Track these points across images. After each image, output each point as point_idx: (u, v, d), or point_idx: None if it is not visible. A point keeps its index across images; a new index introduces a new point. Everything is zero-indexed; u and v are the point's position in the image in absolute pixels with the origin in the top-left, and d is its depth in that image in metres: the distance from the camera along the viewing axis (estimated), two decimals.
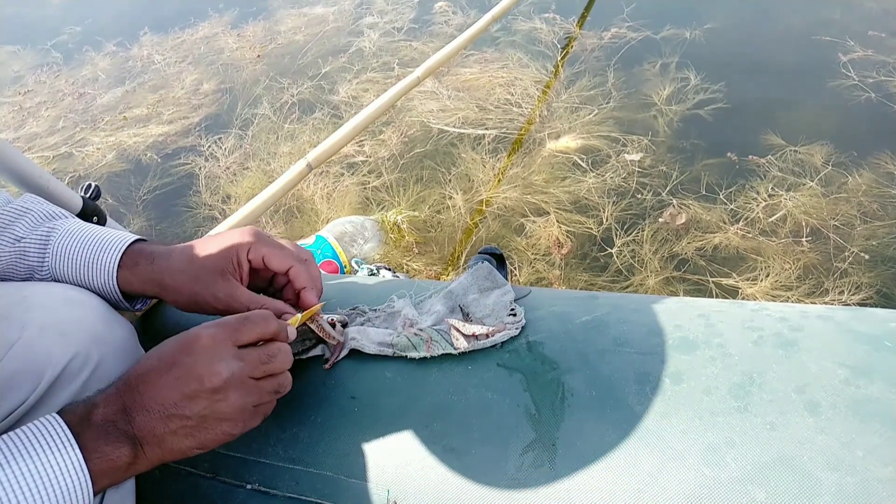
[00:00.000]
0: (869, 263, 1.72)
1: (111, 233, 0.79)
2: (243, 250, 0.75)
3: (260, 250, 0.75)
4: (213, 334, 0.61)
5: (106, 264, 0.76)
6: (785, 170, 2.00)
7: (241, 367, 0.61)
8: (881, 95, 2.20)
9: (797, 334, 0.67)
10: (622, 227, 1.92)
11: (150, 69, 3.29)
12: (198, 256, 0.74)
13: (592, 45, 2.71)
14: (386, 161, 2.33)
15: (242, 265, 0.75)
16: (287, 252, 0.77)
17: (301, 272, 0.77)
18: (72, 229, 0.79)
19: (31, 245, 0.78)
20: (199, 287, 0.73)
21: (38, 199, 0.85)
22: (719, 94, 2.33)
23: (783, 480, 0.56)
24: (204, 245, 0.76)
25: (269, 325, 0.65)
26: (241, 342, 0.63)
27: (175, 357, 0.60)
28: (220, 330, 0.62)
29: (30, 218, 0.81)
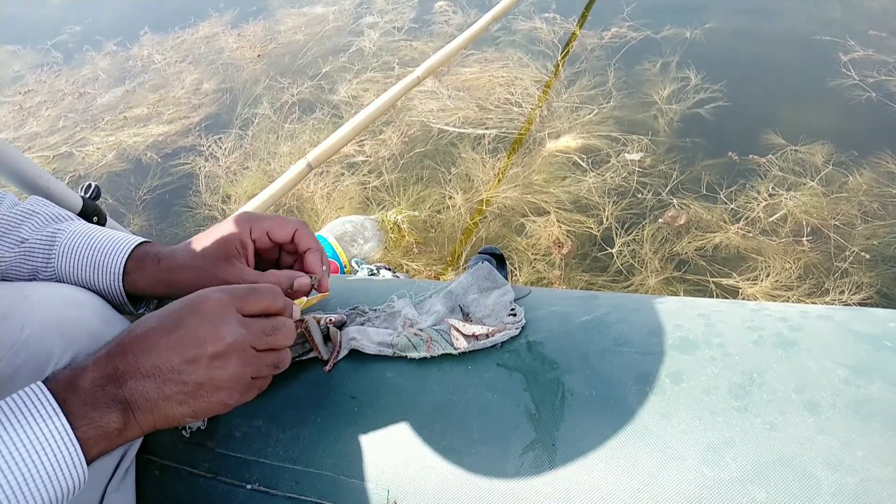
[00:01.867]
0: (870, 263, 1.72)
1: (117, 235, 0.79)
2: (245, 231, 0.75)
3: (262, 226, 0.76)
4: (220, 298, 0.60)
5: (112, 267, 0.76)
6: (785, 169, 2.00)
7: (245, 334, 0.60)
8: (882, 95, 2.20)
9: (797, 334, 0.67)
10: (622, 227, 1.92)
11: (150, 69, 3.29)
12: (201, 248, 0.74)
13: (593, 45, 2.72)
14: (386, 161, 2.33)
15: (247, 246, 0.75)
16: (287, 220, 0.77)
17: (305, 233, 0.77)
18: (78, 231, 0.79)
19: (37, 246, 0.78)
20: (207, 278, 0.73)
21: (45, 202, 0.85)
22: (720, 94, 2.33)
23: (783, 480, 0.56)
24: (205, 237, 0.76)
25: (276, 299, 0.65)
26: (246, 311, 0.62)
27: (179, 316, 0.59)
28: (227, 295, 0.61)
29: (36, 220, 0.80)
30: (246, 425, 0.77)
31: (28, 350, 0.68)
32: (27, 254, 0.78)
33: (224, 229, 0.75)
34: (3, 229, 0.79)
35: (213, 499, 0.75)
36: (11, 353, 0.68)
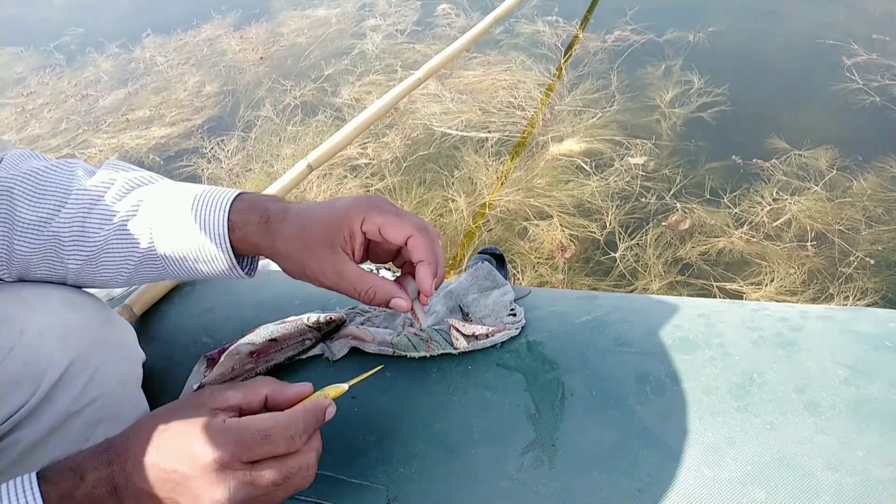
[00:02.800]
0: (874, 268, 1.71)
1: (210, 196, 0.71)
2: (357, 220, 0.66)
3: (375, 220, 0.66)
4: (220, 458, 0.53)
5: (216, 229, 0.69)
6: (789, 174, 1.99)
7: (249, 491, 0.55)
8: (886, 99, 2.19)
9: (797, 334, 0.67)
10: (626, 231, 1.92)
11: (152, 71, 3.29)
12: (310, 224, 0.67)
13: (595, 48, 2.71)
14: (389, 164, 2.33)
15: (355, 237, 0.67)
16: (405, 220, 0.66)
17: (419, 242, 0.66)
18: (162, 199, 0.72)
19: (128, 221, 0.71)
20: (309, 258, 0.67)
21: (116, 163, 0.77)
22: (723, 98, 2.32)
23: (783, 480, 0.56)
24: (319, 211, 0.68)
25: (292, 444, 0.56)
26: (252, 460, 0.55)
27: (176, 467, 0.54)
28: (230, 453, 0.54)
29: (116, 189, 0.73)
30: None
31: (26, 354, 0.68)
32: (122, 231, 0.71)
33: (340, 208, 0.67)
34: (87, 205, 0.71)
35: None
36: (9, 357, 0.67)
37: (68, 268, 0.73)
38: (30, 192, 0.71)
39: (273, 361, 0.80)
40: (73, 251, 0.71)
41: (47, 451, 0.70)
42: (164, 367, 0.89)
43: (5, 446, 0.68)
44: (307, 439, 0.57)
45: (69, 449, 0.71)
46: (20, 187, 0.70)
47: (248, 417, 0.56)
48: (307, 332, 0.81)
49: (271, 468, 0.55)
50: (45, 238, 0.71)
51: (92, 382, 0.72)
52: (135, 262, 0.72)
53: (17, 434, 0.68)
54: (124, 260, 0.72)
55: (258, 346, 0.80)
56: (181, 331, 0.93)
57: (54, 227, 0.70)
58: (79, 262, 0.72)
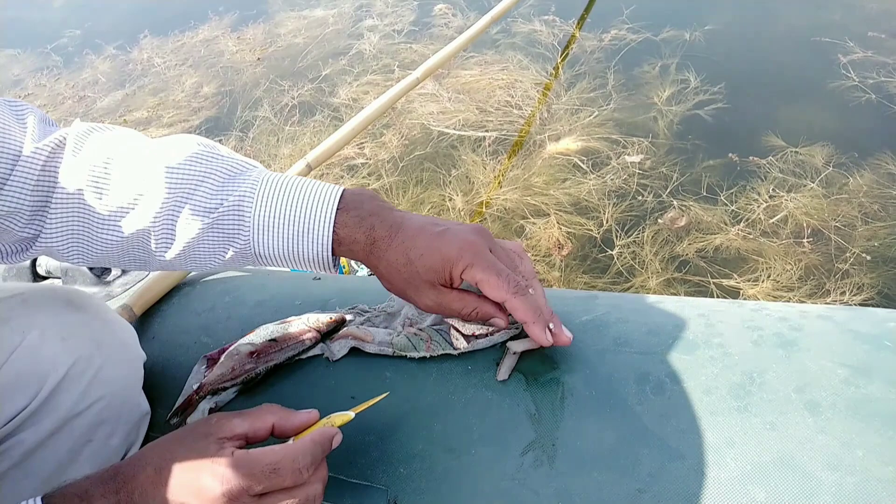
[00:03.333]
0: (870, 264, 1.72)
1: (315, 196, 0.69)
2: (458, 269, 0.65)
3: (475, 275, 0.65)
4: (229, 492, 0.53)
5: (317, 246, 0.68)
6: (786, 171, 2.00)
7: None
8: (881, 96, 2.20)
9: (797, 334, 0.67)
10: (623, 229, 1.92)
11: (150, 72, 3.29)
12: (415, 259, 0.66)
13: (592, 47, 2.72)
14: (386, 163, 2.33)
15: (455, 282, 0.67)
16: (503, 282, 0.65)
17: (518, 307, 0.65)
18: (265, 195, 0.69)
19: (227, 216, 0.68)
20: (411, 290, 0.68)
21: (205, 143, 0.73)
22: (719, 96, 2.33)
23: (783, 480, 0.56)
24: (425, 245, 0.66)
25: (299, 476, 0.56)
26: (260, 493, 0.55)
27: (185, 499, 0.54)
28: (238, 486, 0.53)
29: (211, 182, 0.69)
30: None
31: (28, 356, 0.68)
32: (218, 228, 0.69)
33: (444, 251, 0.66)
34: (181, 196, 0.68)
35: None
36: (11, 359, 0.68)
37: (156, 258, 0.71)
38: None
39: (273, 362, 0.80)
40: (163, 244, 0.69)
41: (49, 453, 0.70)
42: (164, 367, 0.89)
43: (7, 448, 0.68)
44: (314, 470, 0.58)
45: (71, 450, 0.71)
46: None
47: (256, 450, 0.56)
48: (307, 332, 0.81)
49: (279, 500, 0.55)
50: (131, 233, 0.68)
51: (93, 383, 0.72)
52: (226, 257, 0.71)
53: (19, 436, 0.68)
54: (217, 254, 0.71)
55: (258, 347, 0.80)
56: (181, 331, 0.93)
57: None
58: (171, 254, 0.70)
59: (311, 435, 0.59)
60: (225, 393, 0.79)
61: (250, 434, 0.59)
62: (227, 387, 0.79)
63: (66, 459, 0.71)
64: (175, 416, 0.79)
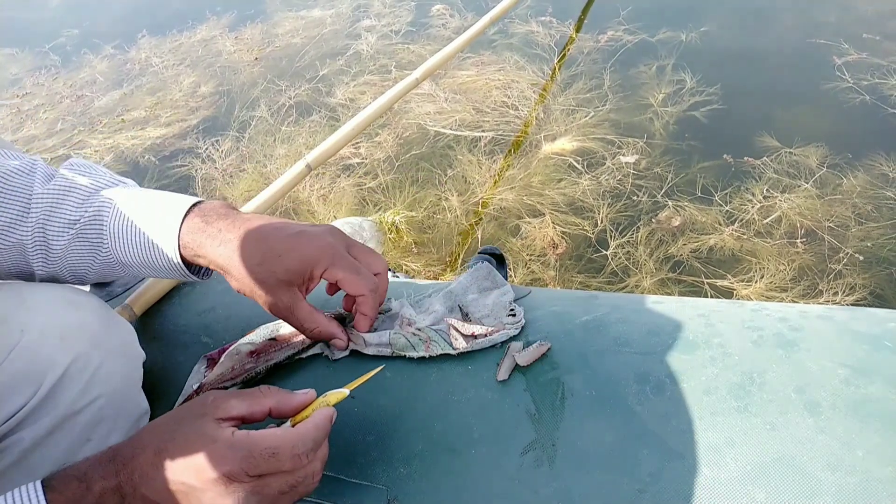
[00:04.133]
0: (863, 265, 1.72)
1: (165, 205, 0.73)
2: (319, 268, 0.70)
3: (336, 274, 0.70)
4: (229, 472, 0.54)
5: (166, 249, 0.72)
6: (780, 171, 2.00)
7: (257, 500, 0.56)
8: (876, 98, 2.20)
9: (797, 334, 0.67)
10: (617, 229, 1.92)
11: (147, 72, 3.29)
12: (269, 259, 0.69)
13: (589, 48, 2.72)
14: (382, 163, 2.33)
15: (314, 281, 0.71)
16: (362, 281, 0.71)
17: (366, 301, 0.73)
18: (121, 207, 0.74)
19: (88, 228, 0.74)
20: (263, 290, 0.70)
21: (79, 164, 0.79)
22: (715, 97, 2.33)
23: (783, 480, 0.56)
24: (283, 247, 0.70)
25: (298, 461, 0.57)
26: (259, 475, 0.55)
27: (184, 479, 0.54)
28: (239, 465, 0.54)
29: (76, 195, 0.75)
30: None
31: (27, 355, 0.68)
32: (82, 238, 0.74)
33: (305, 252, 0.70)
34: (46, 212, 0.73)
35: None
36: (10, 358, 0.68)
37: (35, 271, 0.77)
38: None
39: (273, 361, 0.80)
40: (38, 257, 0.75)
41: (48, 451, 0.70)
42: (164, 366, 0.89)
43: (6, 446, 0.68)
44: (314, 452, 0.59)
45: (70, 449, 0.71)
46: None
47: (256, 433, 0.56)
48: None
49: (278, 480, 0.56)
50: (13, 242, 0.73)
51: (92, 382, 0.72)
52: (98, 266, 0.77)
53: (18, 434, 0.68)
54: (87, 264, 0.76)
55: (258, 346, 0.80)
56: (181, 331, 0.93)
57: (19, 233, 0.73)
58: (45, 267, 0.76)
59: (313, 419, 0.60)
60: None
61: (247, 416, 0.59)
62: (227, 386, 0.79)
63: (65, 458, 0.71)
64: None
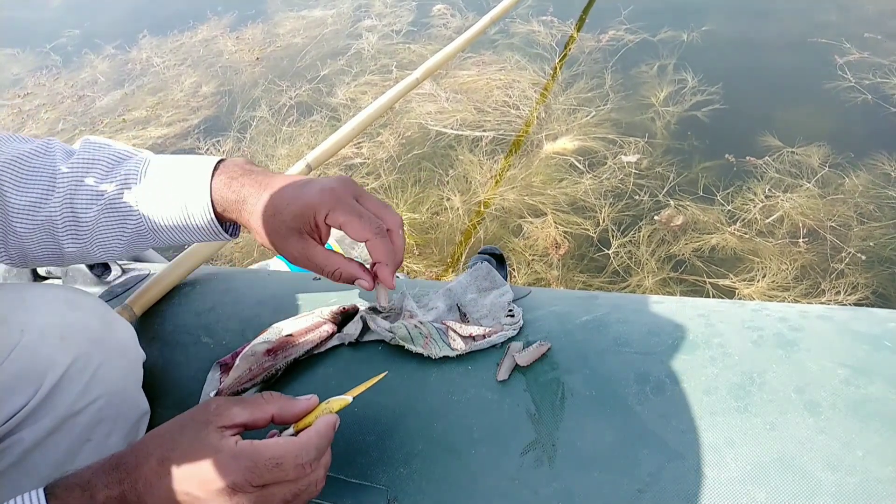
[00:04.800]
0: (866, 264, 1.72)
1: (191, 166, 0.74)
2: (321, 214, 0.68)
3: (337, 218, 0.67)
4: (233, 483, 0.54)
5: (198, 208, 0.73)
6: (782, 171, 2.00)
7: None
8: (877, 97, 2.20)
9: (797, 334, 0.67)
10: (619, 229, 1.92)
11: (149, 72, 3.29)
12: (281, 209, 0.69)
13: (590, 48, 2.72)
14: (384, 163, 2.33)
15: (320, 228, 0.69)
16: (365, 224, 0.67)
17: (377, 246, 0.68)
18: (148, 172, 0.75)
19: (115, 198, 0.74)
20: (279, 241, 0.69)
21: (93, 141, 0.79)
22: (716, 96, 2.33)
23: (783, 480, 0.56)
24: (290, 195, 0.69)
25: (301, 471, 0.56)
26: (263, 485, 0.55)
27: (188, 489, 0.54)
28: (243, 476, 0.54)
29: (101, 167, 0.75)
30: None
31: (27, 355, 0.68)
32: (111, 208, 0.74)
33: (307, 198, 0.68)
34: (73, 186, 0.73)
35: None
36: (10, 358, 0.68)
37: (65, 249, 0.75)
38: (17, 178, 0.72)
39: (292, 356, 0.80)
40: (68, 233, 0.74)
41: (48, 452, 0.70)
42: (164, 367, 0.89)
43: (6, 447, 0.68)
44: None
45: (70, 449, 0.71)
46: (7, 173, 0.72)
47: (260, 443, 0.56)
48: (323, 325, 0.81)
49: (282, 489, 0.56)
50: (40, 221, 0.73)
51: (92, 382, 0.72)
52: (127, 236, 0.76)
53: (18, 434, 0.69)
54: (116, 236, 0.76)
55: (274, 343, 0.80)
56: (181, 331, 0.93)
57: (47, 210, 0.72)
58: (75, 243, 0.75)
59: (316, 427, 0.60)
60: (245, 394, 0.79)
61: (250, 423, 0.59)
62: (247, 388, 0.79)
63: (65, 458, 0.71)
64: None
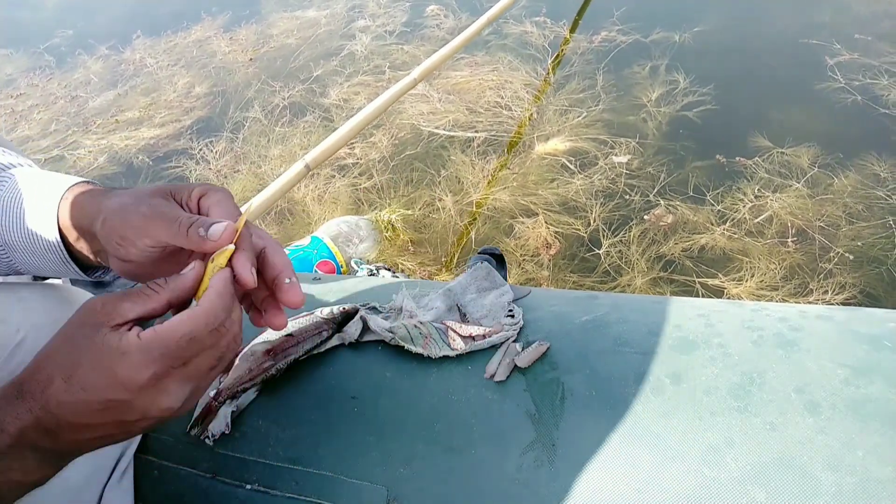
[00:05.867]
0: (854, 264, 1.73)
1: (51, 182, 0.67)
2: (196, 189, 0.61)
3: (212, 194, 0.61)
4: (154, 374, 0.50)
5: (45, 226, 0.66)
6: (772, 171, 2.01)
7: (192, 384, 0.54)
8: (867, 98, 2.22)
9: (797, 334, 0.67)
10: (610, 229, 1.93)
11: (142, 72, 3.28)
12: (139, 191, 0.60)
13: (582, 49, 2.72)
14: (377, 163, 2.33)
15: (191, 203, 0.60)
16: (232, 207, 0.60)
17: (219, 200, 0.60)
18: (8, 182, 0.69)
19: None
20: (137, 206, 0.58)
21: None
22: (708, 97, 2.34)
23: (783, 480, 0.56)
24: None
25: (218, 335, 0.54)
26: (184, 363, 0.52)
27: (110, 396, 0.50)
28: (161, 364, 0.51)
29: None
30: (246, 425, 0.77)
31: (23, 354, 0.68)
32: None
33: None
34: None
35: (213, 499, 0.75)
36: (8, 357, 0.67)
37: None
38: None
39: (291, 356, 0.79)
40: None
41: None
42: None
43: None
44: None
45: None
46: None
47: (164, 326, 0.51)
48: (323, 325, 0.81)
49: (204, 358, 0.53)
50: None
51: None
52: None
53: None
54: None
55: (274, 343, 0.80)
56: None
57: None
58: None
59: (213, 288, 0.55)
60: (245, 395, 0.79)
61: (146, 316, 0.55)
62: (246, 388, 0.79)
63: None
64: (195, 426, 0.79)
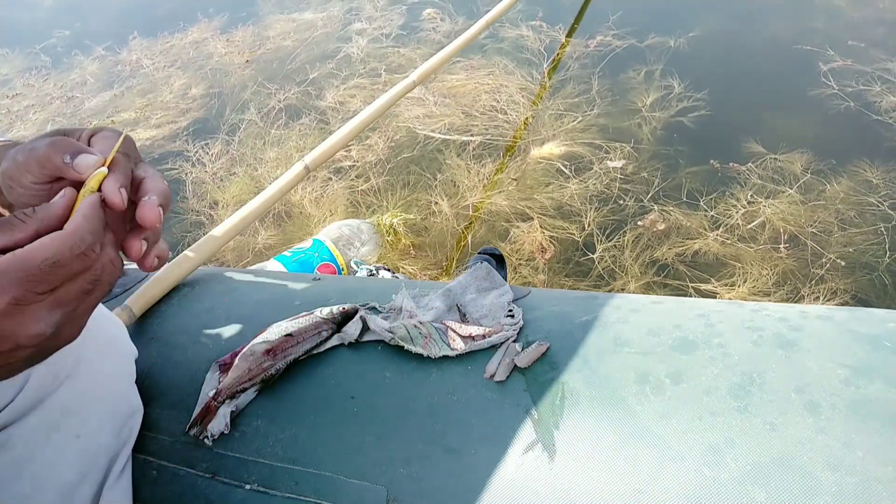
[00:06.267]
0: (846, 270, 1.74)
1: None
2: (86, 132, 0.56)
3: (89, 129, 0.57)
4: (14, 299, 0.46)
5: None
6: (765, 177, 2.02)
7: (63, 310, 0.49)
8: (860, 104, 2.23)
9: (797, 334, 0.68)
10: (604, 233, 1.94)
11: (138, 73, 3.27)
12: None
13: (578, 53, 2.73)
14: (373, 166, 2.34)
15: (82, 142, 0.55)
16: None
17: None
18: None
19: None
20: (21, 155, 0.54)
21: None
22: (702, 103, 2.35)
23: (783, 480, 0.56)
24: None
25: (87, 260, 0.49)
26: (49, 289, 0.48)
27: None
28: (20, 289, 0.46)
29: None
30: (245, 425, 0.77)
31: None
32: None
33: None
34: None
35: (212, 499, 0.75)
36: None
37: None
38: None
39: (291, 356, 0.79)
40: None
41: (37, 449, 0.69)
42: (163, 367, 0.88)
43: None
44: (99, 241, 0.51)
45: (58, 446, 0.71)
46: None
47: (22, 250, 0.47)
48: (322, 325, 0.81)
49: (75, 283, 0.49)
50: None
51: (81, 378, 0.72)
52: None
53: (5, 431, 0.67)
54: None
55: (274, 343, 0.80)
56: (181, 331, 0.92)
57: None
58: None
59: (80, 212, 0.51)
60: (244, 395, 0.79)
61: (13, 245, 0.49)
62: (246, 388, 0.79)
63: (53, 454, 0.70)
64: (194, 426, 0.79)
